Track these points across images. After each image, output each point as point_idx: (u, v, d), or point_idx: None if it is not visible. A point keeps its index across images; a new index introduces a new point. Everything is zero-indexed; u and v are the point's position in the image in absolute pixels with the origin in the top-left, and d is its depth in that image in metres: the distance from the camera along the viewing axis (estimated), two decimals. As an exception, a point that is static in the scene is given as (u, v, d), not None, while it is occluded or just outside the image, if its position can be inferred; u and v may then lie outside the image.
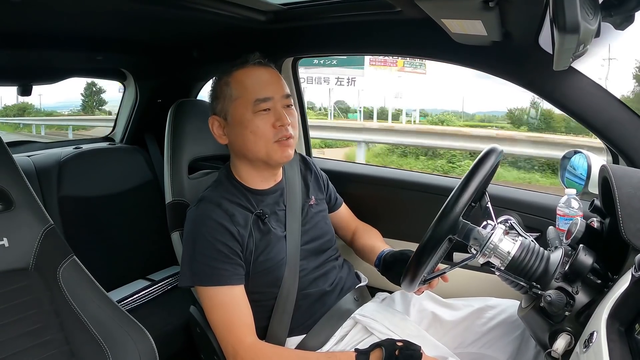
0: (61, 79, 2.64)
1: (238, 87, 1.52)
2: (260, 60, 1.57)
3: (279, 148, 1.51)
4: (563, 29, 0.83)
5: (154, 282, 2.48)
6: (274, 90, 1.53)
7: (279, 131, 1.50)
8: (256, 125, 1.49)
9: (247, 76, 1.53)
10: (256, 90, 1.51)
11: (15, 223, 1.30)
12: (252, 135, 1.49)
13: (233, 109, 1.52)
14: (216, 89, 1.58)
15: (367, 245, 1.81)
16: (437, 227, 1.26)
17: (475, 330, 1.58)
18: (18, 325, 1.23)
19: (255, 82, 1.52)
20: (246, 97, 1.50)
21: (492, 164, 1.30)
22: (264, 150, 1.51)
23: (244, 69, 1.55)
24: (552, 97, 1.54)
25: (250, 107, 1.49)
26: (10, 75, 2.40)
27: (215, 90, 1.58)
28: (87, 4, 1.59)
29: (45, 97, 15.48)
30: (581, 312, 1.16)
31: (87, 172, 2.51)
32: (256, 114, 1.49)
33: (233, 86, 1.53)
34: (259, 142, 1.50)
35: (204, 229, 1.46)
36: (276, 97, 1.52)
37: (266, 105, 1.50)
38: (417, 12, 1.36)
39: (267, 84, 1.53)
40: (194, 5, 1.60)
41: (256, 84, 1.52)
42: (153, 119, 2.84)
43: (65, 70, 2.60)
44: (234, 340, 1.41)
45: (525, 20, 1.34)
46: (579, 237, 1.28)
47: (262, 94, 1.50)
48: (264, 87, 1.52)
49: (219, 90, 1.57)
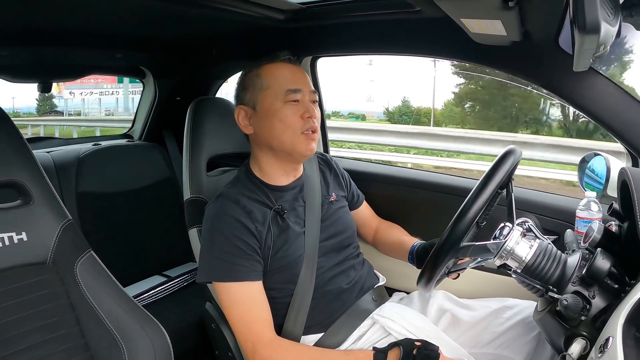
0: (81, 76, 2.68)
1: (269, 77, 1.55)
2: (289, 57, 1.61)
3: (305, 140, 1.53)
4: (583, 29, 0.82)
5: (170, 278, 2.50)
6: (303, 83, 1.56)
7: (306, 122, 1.52)
8: (285, 115, 1.51)
9: (278, 69, 1.58)
10: (287, 81, 1.54)
11: (34, 218, 1.31)
12: (281, 124, 1.51)
13: (263, 98, 1.54)
14: (245, 80, 1.61)
15: (395, 241, 1.82)
16: (454, 228, 1.25)
17: (492, 331, 1.56)
18: (35, 318, 1.24)
19: (286, 75, 1.56)
20: (277, 87, 1.53)
21: (510, 165, 1.29)
22: (289, 140, 1.52)
23: (274, 63, 1.59)
24: (571, 98, 1.52)
25: (281, 97, 1.52)
26: (30, 72, 2.43)
27: (244, 81, 1.61)
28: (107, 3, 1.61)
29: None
30: (597, 316, 1.15)
31: (105, 168, 2.54)
32: (286, 104, 1.52)
33: (264, 77, 1.56)
34: (286, 131, 1.52)
35: (222, 225, 1.46)
36: (305, 91, 1.55)
37: (296, 96, 1.53)
38: (436, 11, 1.35)
39: (297, 77, 1.57)
40: (213, 4, 1.61)
41: (287, 76, 1.56)
42: (171, 116, 2.85)
43: (85, 67, 2.63)
44: (252, 336, 1.41)
45: (545, 20, 1.33)
46: (597, 240, 1.27)
47: (293, 85, 1.54)
48: (294, 79, 1.56)
49: (247, 81, 1.59)
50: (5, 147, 1.30)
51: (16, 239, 1.26)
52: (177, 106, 2.67)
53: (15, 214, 1.29)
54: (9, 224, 1.26)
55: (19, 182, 1.30)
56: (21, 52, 2.14)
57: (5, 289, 1.22)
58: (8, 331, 1.20)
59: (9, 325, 1.20)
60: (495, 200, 1.42)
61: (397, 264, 1.85)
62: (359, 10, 1.79)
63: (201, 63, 2.59)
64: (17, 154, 1.32)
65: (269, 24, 1.91)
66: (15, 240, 1.26)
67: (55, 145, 2.69)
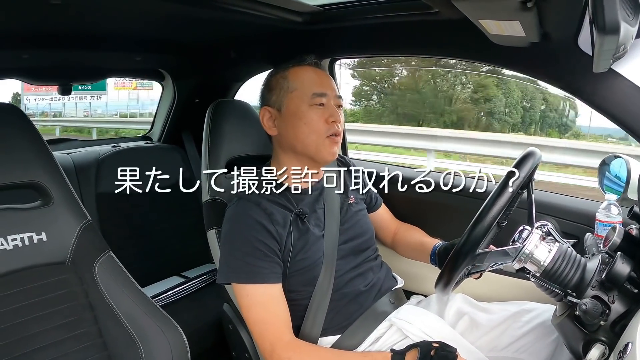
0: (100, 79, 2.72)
1: (296, 80, 1.57)
2: (316, 60, 1.63)
3: (329, 144, 1.54)
4: (602, 29, 0.81)
5: (188, 279, 2.51)
6: (329, 87, 1.57)
7: (331, 127, 1.53)
8: (310, 118, 1.52)
9: (305, 72, 1.59)
10: (314, 84, 1.55)
11: (54, 218, 1.33)
12: (306, 127, 1.52)
13: (289, 100, 1.55)
14: (271, 81, 1.62)
15: (415, 242, 1.81)
16: (472, 231, 1.25)
17: (510, 334, 1.55)
18: (53, 317, 1.26)
19: (313, 78, 1.58)
20: (303, 90, 1.54)
21: (530, 167, 1.28)
22: (314, 144, 1.53)
23: (301, 66, 1.60)
24: (592, 100, 1.49)
25: (307, 100, 1.53)
26: (51, 75, 2.47)
27: (270, 83, 1.62)
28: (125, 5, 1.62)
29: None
30: (617, 322, 1.14)
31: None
32: (311, 107, 1.53)
33: (291, 79, 1.57)
34: (311, 134, 1.53)
35: (242, 226, 1.47)
36: (330, 95, 1.56)
37: (321, 100, 1.54)
38: (454, 13, 1.34)
39: (323, 81, 1.58)
40: (231, 6, 1.61)
41: (314, 79, 1.57)
42: (190, 118, 2.86)
43: (104, 70, 2.67)
44: (272, 338, 1.41)
45: (564, 20, 1.31)
46: (617, 244, 1.24)
47: (319, 89, 1.55)
48: (320, 83, 1.57)
49: (274, 82, 1.61)
50: (26, 148, 1.32)
51: (36, 239, 1.28)
52: (196, 108, 2.68)
53: (36, 215, 1.31)
54: (29, 224, 1.28)
55: (39, 183, 1.32)
56: (42, 55, 2.17)
57: (24, 288, 1.24)
58: (27, 329, 1.22)
59: (28, 323, 1.22)
60: (514, 202, 1.41)
61: (415, 267, 1.84)
62: (377, 12, 1.78)
63: (220, 65, 2.61)
64: (38, 155, 1.34)
65: (288, 26, 1.91)
66: (35, 240, 1.28)
67: (75, 147, 2.72)
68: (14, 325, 1.20)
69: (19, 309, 1.22)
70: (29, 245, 1.26)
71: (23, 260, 1.25)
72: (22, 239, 1.25)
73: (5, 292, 1.22)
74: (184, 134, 2.95)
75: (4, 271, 1.22)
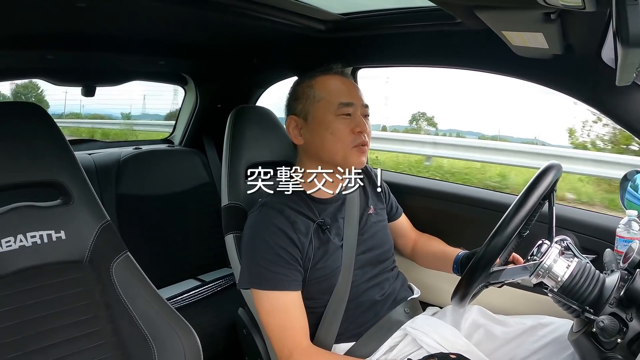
0: (124, 82, 2.74)
1: (322, 89, 1.57)
2: (342, 69, 1.62)
3: (357, 153, 1.54)
4: (626, 42, 0.80)
5: (204, 283, 2.51)
6: (356, 97, 1.57)
7: (357, 137, 1.53)
8: (337, 128, 1.52)
9: (332, 81, 1.59)
10: (340, 94, 1.55)
11: (73, 217, 1.34)
12: (332, 136, 1.53)
13: (315, 109, 1.56)
14: (297, 90, 1.62)
15: (437, 252, 1.80)
16: (490, 244, 1.24)
17: (526, 348, 1.53)
18: (69, 314, 1.28)
19: (340, 87, 1.58)
20: (330, 100, 1.55)
21: (550, 181, 1.27)
22: (341, 153, 1.54)
23: (327, 75, 1.60)
24: (614, 114, 1.48)
25: (333, 110, 1.53)
26: (75, 76, 2.50)
27: (297, 92, 1.62)
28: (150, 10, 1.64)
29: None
30: (634, 340, 1.12)
31: (145, 172, 2.58)
32: (338, 117, 1.53)
33: (317, 88, 1.57)
34: (337, 144, 1.53)
35: (265, 233, 1.47)
36: (357, 105, 1.56)
37: (348, 110, 1.54)
38: (477, 23, 1.34)
39: (350, 90, 1.58)
40: (255, 13, 1.63)
41: (340, 89, 1.57)
42: (212, 123, 2.88)
43: (128, 73, 2.69)
44: (290, 343, 1.42)
45: (588, 33, 1.30)
46: (637, 261, 1.23)
47: (346, 98, 1.55)
48: (347, 92, 1.57)
49: (300, 91, 1.61)
50: (48, 148, 1.34)
51: (55, 237, 1.29)
52: (218, 113, 2.70)
53: (55, 213, 1.32)
54: (49, 222, 1.30)
55: (60, 182, 1.34)
56: (67, 56, 2.20)
57: (41, 285, 1.26)
58: (42, 325, 1.24)
59: (43, 319, 1.24)
60: (536, 214, 1.40)
61: (432, 278, 1.84)
62: (400, 22, 1.79)
63: (242, 71, 2.62)
64: (59, 155, 1.36)
65: (310, 34, 1.92)
66: (53, 238, 1.29)
67: (97, 148, 2.75)
68: (30, 320, 1.22)
69: (35, 305, 1.24)
70: (47, 242, 1.28)
71: (41, 258, 1.27)
72: (40, 236, 1.27)
73: (22, 288, 1.23)
74: (205, 139, 2.97)
75: (21, 267, 1.24)
